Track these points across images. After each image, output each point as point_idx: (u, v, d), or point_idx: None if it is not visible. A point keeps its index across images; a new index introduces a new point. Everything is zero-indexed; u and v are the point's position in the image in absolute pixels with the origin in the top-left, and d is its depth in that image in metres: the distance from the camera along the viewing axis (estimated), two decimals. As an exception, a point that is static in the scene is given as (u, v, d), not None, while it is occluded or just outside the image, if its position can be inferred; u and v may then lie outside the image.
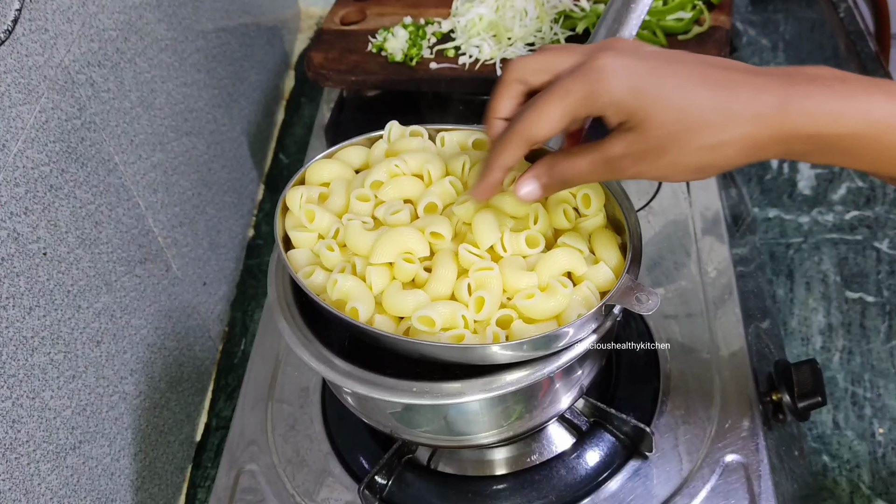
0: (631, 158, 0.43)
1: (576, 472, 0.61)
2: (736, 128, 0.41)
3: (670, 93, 0.41)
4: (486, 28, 0.91)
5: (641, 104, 0.41)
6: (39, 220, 0.55)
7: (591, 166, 0.45)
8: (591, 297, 0.50)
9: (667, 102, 0.41)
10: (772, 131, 0.41)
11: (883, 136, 0.40)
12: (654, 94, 0.41)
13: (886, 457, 0.67)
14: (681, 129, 0.41)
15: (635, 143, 0.42)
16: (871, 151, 0.41)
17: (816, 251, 0.83)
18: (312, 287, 0.51)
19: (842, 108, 0.40)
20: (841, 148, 0.41)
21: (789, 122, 0.40)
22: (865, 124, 0.40)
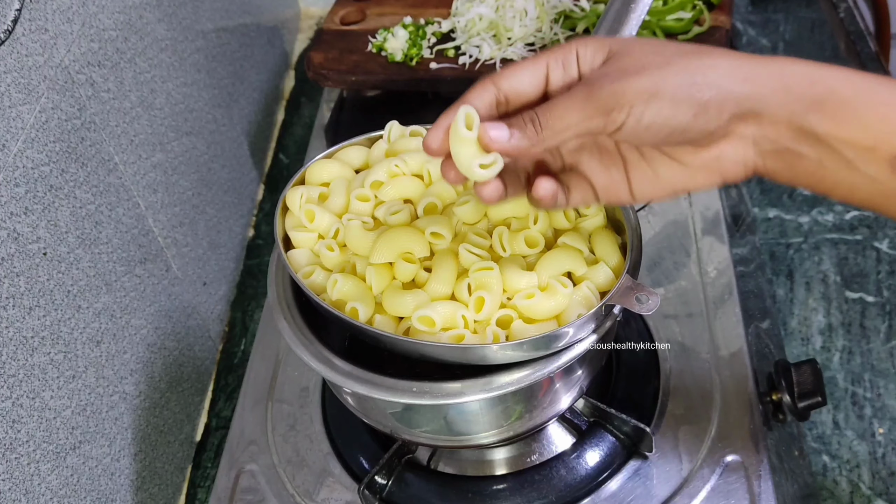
0: (613, 74, 0.40)
1: (576, 472, 0.61)
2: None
3: (655, 41, 0.41)
4: (486, 28, 0.91)
5: (622, 43, 0.41)
6: (39, 220, 0.55)
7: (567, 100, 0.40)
8: (591, 297, 0.50)
9: (649, 43, 0.41)
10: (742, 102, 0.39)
11: (884, 90, 0.39)
12: (634, 41, 0.41)
13: (886, 457, 0.67)
14: (666, 45, 0.41)
15: (618, 60, 0.40)
16: (872, 105, 0.39)
17: (816, 251, 0.83)
18: (312, 287, 0.51)
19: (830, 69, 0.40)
20: (841, 99, 0.39)
21: (765, 84, 0.39)
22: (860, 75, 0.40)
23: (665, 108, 0.39)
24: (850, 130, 0.39)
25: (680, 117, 0.39)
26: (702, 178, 0.43)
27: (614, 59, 0.40)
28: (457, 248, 0.51)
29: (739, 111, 0.39)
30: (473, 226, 0.53)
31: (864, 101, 0.39)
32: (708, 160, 0.42)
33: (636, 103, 0.39)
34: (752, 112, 0.39)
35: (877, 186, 0.39)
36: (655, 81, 0.39)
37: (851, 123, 0.39)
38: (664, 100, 0.39)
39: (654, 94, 0.39)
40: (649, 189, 0.44)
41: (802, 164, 0.40)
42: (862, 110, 0.39)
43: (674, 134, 0.40)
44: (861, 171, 0.39)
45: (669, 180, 0.43)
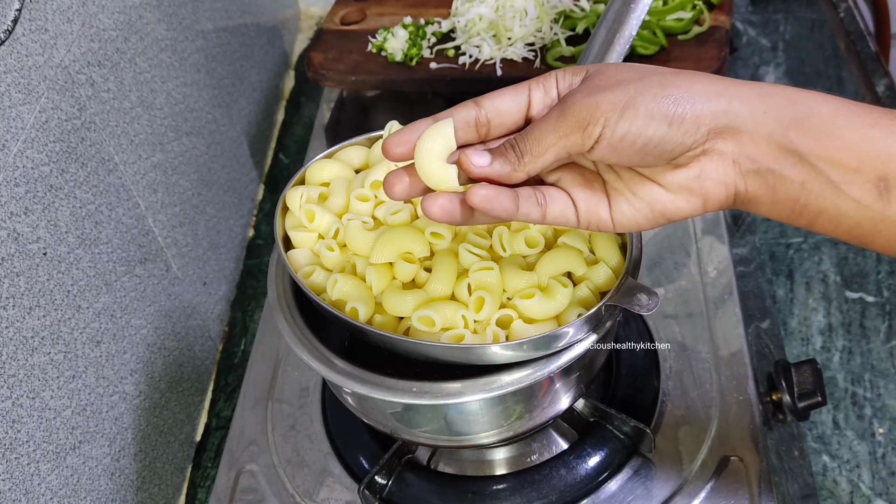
0: (585, 91, 0.40)
1: (576, 472, 0.61)
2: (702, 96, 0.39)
3: (632, 64, 0.42)
4: (486, 28, 0.91)
5: (599, 66, 0.42)
6: (39, 220, 0.55)
7: (544, 122, 0.40)
8: (591, 297, 0.50)
9: (626, 64, 0.41)
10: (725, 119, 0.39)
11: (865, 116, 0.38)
12: (611, 64, 0.42)
13: (886, 457, 0.67)
14: (643, 67, 0.41)
15: (591, 82, 0.40)
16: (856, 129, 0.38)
17: (816, 251, 0.83)
18: (312, 287, 0.51)
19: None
20: (821, 119, 0.38)
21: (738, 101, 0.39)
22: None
23: (638, 119, 0.39)
24: (833, 150, 0.38)
25: (654, 127, 0.39)
26: (682, 201, 0.42)
27: (589, 79, 0.41)
28: (457, 248, 0.51)
29: (716, 126, 0.39)
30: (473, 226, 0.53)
31: (845, 122, 0.38)
32: (687, 179, 0.41)
33: (610, 115, 0.39)
34: (731, 127, 0.39)
35: (863, 213, 0.38)
36: (628, 94, 0.39)
37: (834, 143, 0.38)
38: (637, 110, 0.39)
39: (628, 105, 0.39)
40: (629, 213, 0.43)
41: (785, 187, 0.39)
42: (844, 130, 0.38)
43: (649, 146, 0.39)
44: (846, 194, 0.38)
45: (648, 204, 0.42)
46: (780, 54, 1.04)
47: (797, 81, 1.00)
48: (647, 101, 0.39)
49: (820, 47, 1.05)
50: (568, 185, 0.44)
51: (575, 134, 0.40)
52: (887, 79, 0.97)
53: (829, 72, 1.01)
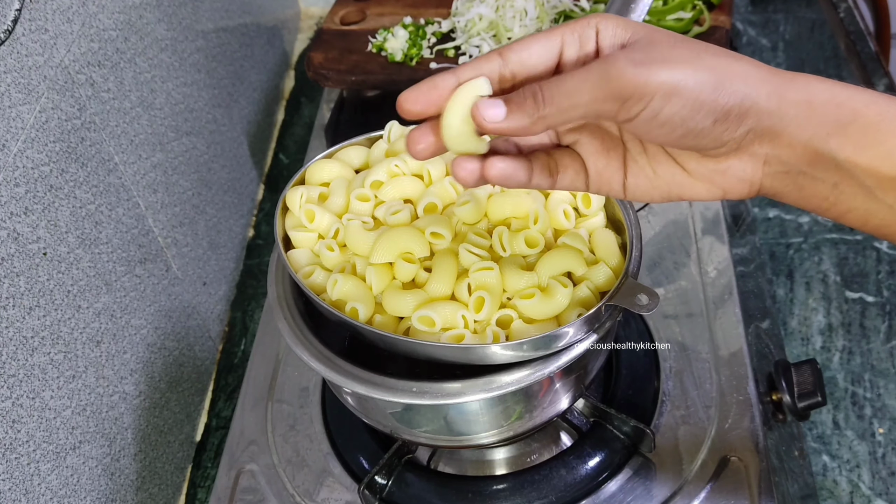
0: (638, 57, 0.36)
1: (576, 472, 0.61)
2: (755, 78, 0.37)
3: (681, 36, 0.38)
4: (486, 28, 0.91)
5: (645, 28, 0.38)
6: (39, 220, 0.55)
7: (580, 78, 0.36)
8: (591, 297, 0.50)
9: (677, 35, 0.38)
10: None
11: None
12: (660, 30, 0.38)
13: (886, 457, 0.67)
14: (691, 46, 0.37)
15: (642, 48, 0.36)
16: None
17: (816, 251, 0.83)
18: (312, 287, 0.51)
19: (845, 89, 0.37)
20: (866, 122, 0.37)
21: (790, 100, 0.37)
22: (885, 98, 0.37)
23: (686, 108, 0.36)
24: (872, 158, 0.37)
25: (698, 120, 0.36)
26: (702, 189, 0.41)
27: (639, 44, 0.37)
28: (457, 248, 0.51)
29: (759, 127, 0.37)
30: (473, 226, 0.53)
31: (889, 126, 0.37)
32: (713, 171, 0.40)
33: (656, 96, 0.35)
34: (772, 131, 0.37)
35: (894, 215, 0.38)
36: (681, 77, 0.35)
37: (875, 150, 0.37)
38: (686, 98, 0.36)
39: (678, 90, 0.35)
40: (644, 187, 0.42)
41: (815, 188, 0.39)
42: (887, 136, 0.37)
43: (687, 136, 0.37)
44: (879, 199, 0.37)
45: (667, 183, 0.41)
46: (780, 54, 1.04)
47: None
48: (699, 90, 0.36)
49: (820, 47, 1.05)
50: (585, 150, 0.42)
51: (611, 102, 0.36)
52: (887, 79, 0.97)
53: (829, 72, 1.01)
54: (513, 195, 0.53)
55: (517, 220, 0.53)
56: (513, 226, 0.53)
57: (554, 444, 0.63)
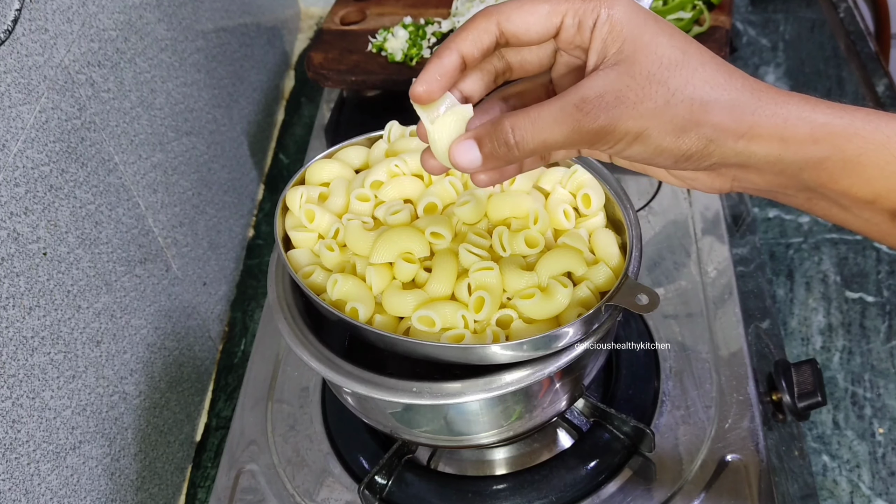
0: (610, 99, 0.36)
1: (576, 472, 0.61)
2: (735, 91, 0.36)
3: (673, 33, 0.37)
4: (486, 28, 0.91)
5: (639, 33, 0.36)
6: (39, 220, 0.55)
7: (557, 112, 0.36)
8: (591, 297, 0.50)
9: (669, 40, 0.36)
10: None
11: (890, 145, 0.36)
12: (657, 28, 0.36)
13: (886, 457, 0.67)
14: (677, 67, 0.36)
15: (619, 79, 0.36)
16: (872, 165, 0.36)
17: (816, 251, 0.83)
18: (312, 287, 0.51)
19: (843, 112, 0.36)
20: (844, 158, 0.36)
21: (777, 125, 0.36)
22: (872, 126, 0.36)
23: (648, 152, 0.37)
24: (848, 186, 0.36)
25: (661, 160, 0.38)
26: (678, 182, 0.43)
27: (619, 69, 0.36)
28: (457, 248, 0.51)
29: (725, 162, 0.37)
30: (473, 226, 0.53)
31: (870, 159, 0.36)
32: (685, 178, 0.41)
33: (621, 141, 0.37)
34: (738, 165, 0.38)
35: (870, 228, 0.38)
36: (645, 127, 0.36)
37: (850, 180, 0.36)
38: (649, 145, 0.37)
39: (641, 137, 0.36)
40: (624, 162, 0.42)
41: (788, 199, 0.39)
42: (865, 168, 0.36)
43: (650, 164, 0.40)
44: (855, 214, 0.38)
45: (643, 168, 0.42)
46: (780, 54, 1.04)
47: (797, 81, 1.00)
48: (660, 140, 0.36)
49: (820, 47, 1.05)
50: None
51: (583, 141, 0.37)
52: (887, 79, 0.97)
53: (829, 72, 1.01)
54: (513, 195, 0.53)
55: (517, 220, 0.53)
56: (513, 226, 0.53)
57: (554, 444, 0.63)
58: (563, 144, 0.37)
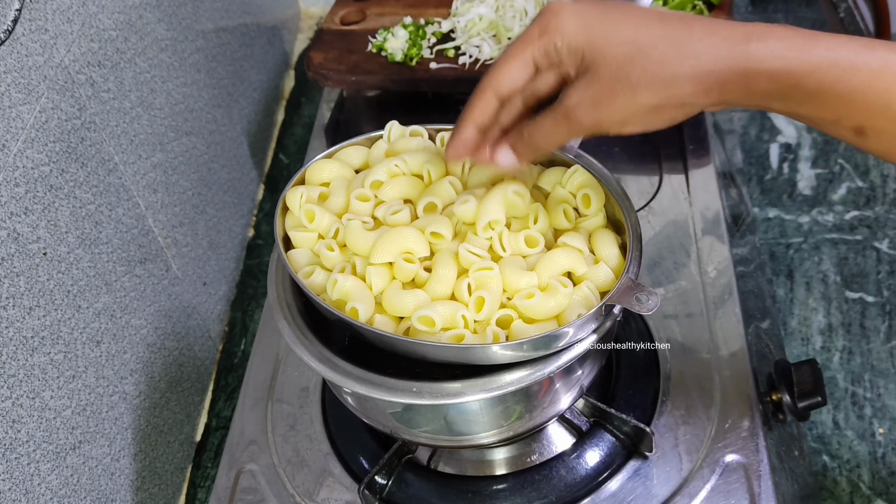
0: (587, 104, 0.43)
1: (576, 472, 0.61)
2: (690, 59, 0.40)
3: (622, 27, 0.42)
4: (486, 28, 0.91)
5: (592, 40, 0.42)
6: (39, 220, 0.55)
7: (552, 123, 0.45)
8: (591, 297, 0.50)
9: (618, 36, 0.41)
10: (731, 64, 0.40)
11: (848, 77, 0.39)
12: (604, 30, 0.42)
13: (886, 457, 0.68)
14: (633, 65, 0.41)
15: (589, 86, 0.42)
16: (835, 94, 0.39)
17: (816, 251, 0.83)
18: (312, 287, 0.51)
19: (805, 45, 0.39)
20: (805, 90, 0.40)
21: (750, 57, 0.40)
22: (830, 62, 0.39)
23: (638, 125, 0.43)
24: (811, 109, 0.41)
25: (657, 125, 0.43)
26: None
27: (587, 78, 0.43)
28: (457, 248, 0.51)
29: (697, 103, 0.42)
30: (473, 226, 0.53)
31: (833, 88, 0.39)
32: None
33: (611, 129, 0.44)
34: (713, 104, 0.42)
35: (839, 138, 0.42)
36: (624, 112, 0.42)
37: (813, 105, 0.40)
38: (636, 121, 0.43)
39: (627, 120, 0.43)
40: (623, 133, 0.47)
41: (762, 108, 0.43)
42: (827, 96, 0.39)
43: (647, 128, 0.44)
44: (823, 129, 0.42)
45: None
46: (780, 54, 1.04)
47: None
48: (647, 109, 0.42)
49: (820, 47, 1.05)
50: None
51: (583, 135, 0.46)
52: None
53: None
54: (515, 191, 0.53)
55: (517, 220, 0.53)
56: (513, 226, 0.53)
57: (554, 444, 0.63)
58: (569, 140, 0.47)
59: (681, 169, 0.82)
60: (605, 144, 0.85)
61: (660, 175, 0.82)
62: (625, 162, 0.84)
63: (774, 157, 0.92)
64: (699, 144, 0.84)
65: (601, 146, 0.84)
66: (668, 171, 0.82)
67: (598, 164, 0.55)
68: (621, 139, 0.86)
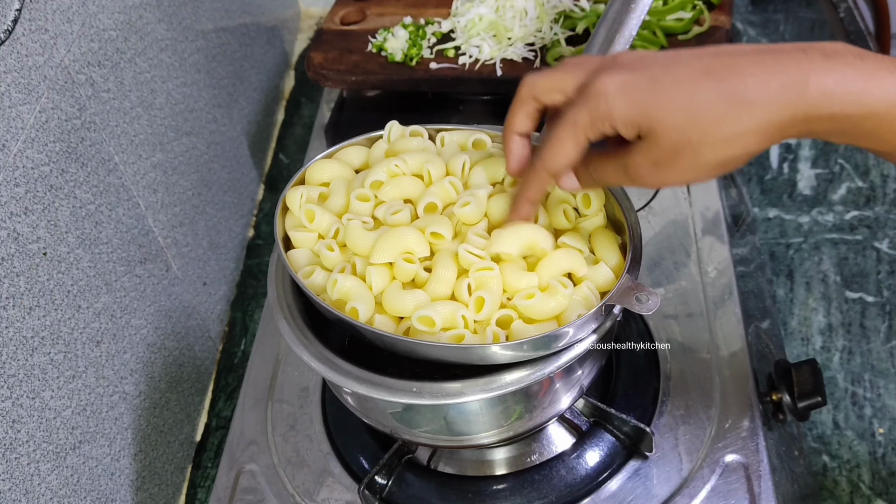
0: (648, 166, 0.43)
1: (576, 472, 0.61)
2: (751, 115, 0.40)
3: (673, 95, 0.41)
4: (486, 28, 0.91)
5: (647, 115, 0.42)
6: (39, 220, 0.55)
7: (614, 173, 0.46)
8: (591, 297, 0.50)
9: (672, 105, 0.41)
10: (791, 112, 0.39)
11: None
12: (656, 101, 0.41)
13: (886, 457, 0.68)
14: (692, 129, 0.41)
15: (650, 152, 0.42)
16: (892, 132, 0.39)
17: (816, 251, 0.83)
18: (312, 287, 0.51)
19: (863, 88, 0.39)
20: (863, 130, 0.40)
21: (808, 102, 0.39)
22: (888, 104, 0.39)
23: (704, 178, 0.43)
24: (871, 144, 0.41)
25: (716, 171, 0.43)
26: None
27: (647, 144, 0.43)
28: (457, 248, 0.51)
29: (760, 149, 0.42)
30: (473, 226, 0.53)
31: (891, 128, 0.39)
32: None
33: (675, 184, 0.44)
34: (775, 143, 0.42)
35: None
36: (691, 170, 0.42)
37: (873, 141, 0.41)
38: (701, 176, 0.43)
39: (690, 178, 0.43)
40: None
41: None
42: (886, 134, 0.40)
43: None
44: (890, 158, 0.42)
45: None
46: (780, 54, 1.04)
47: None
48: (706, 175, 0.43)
49: (820, 47, 1.05)
50: None
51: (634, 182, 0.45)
52: None
53: (829, 72, 1.01)
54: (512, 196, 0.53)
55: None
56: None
57: (554, 444, 0.63)
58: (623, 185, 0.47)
59: (681, 169, 0.82)
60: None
61: (660, 175, 0.81)
62: (625, 162, 0.84)
63: (774, 157, 0.92)
64: (699, 144, 0.84)
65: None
66: (668, 171, 0.82)
67: (598, 164, 0.55)
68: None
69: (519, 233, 0.51)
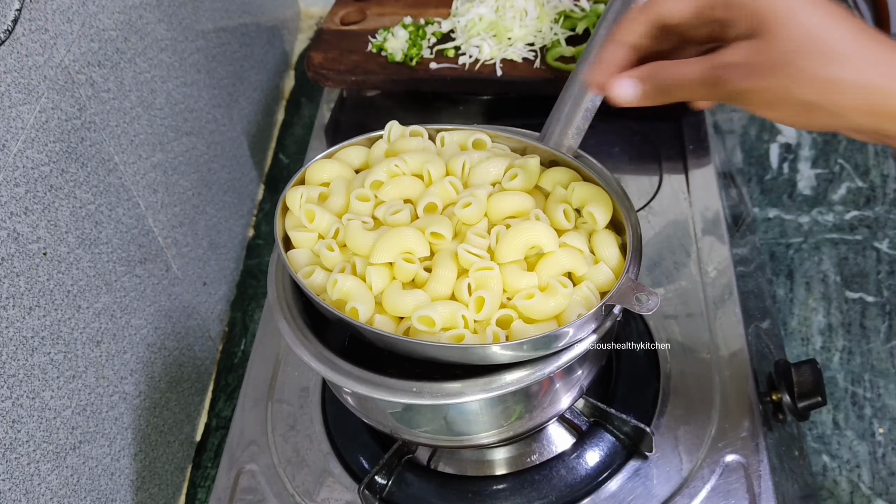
0: (744, 69, 0.39)
1: (576, 472, 0.61)
2: (868, 70, 0.38)
3: (815, 9, 0.39)
4: (486, 28, 0.91)
5: (777, 9, 0.39)
6: (39, 220, 0.55)
7: (697, 73, 0.41)
8: (591, 297, 0.50)
9: (804, 16, 0.38)
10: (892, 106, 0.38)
11: None
12: (793, 4, 0.39)
13: (886, 457, 0.68)
14: (807, 49, 0.38)
15: (755, 53, 0.39)
16: None
17: (816, 251, 0.83)
18: (312, 287, 0.51)
19: None
20: None
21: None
22: None
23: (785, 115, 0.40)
24: None
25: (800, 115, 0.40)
26: None
27: (754, 44, 0.40)
28: (457, 248, 0.51)
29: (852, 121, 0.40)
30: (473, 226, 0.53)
31: None
32: None
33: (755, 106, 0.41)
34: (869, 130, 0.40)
35: None
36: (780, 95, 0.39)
37: None
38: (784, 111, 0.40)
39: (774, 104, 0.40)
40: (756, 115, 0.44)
41: None
42: None
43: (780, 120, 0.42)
44: None
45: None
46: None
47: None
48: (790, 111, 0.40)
49: (820, 47, 1.05)
50: None
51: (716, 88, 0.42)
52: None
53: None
54: (513, 195, 0.53)
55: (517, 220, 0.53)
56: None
57: (554, 444, 0.63)
58: (702, 98, 0.44)
59: (681, 169, 0.82)
60: (605, 144, 0.85)
61: (660, 175, 0.82)
62: (625, 162, 0.84)
63: (774, 157, 0.92)
64: (699, 144, 0.84)
65: (601, 146, 0.84)
66: (669, 171, 0.82)
67: (598, 164, 0.55)
68: (621, 139, 0.86)
69: (524, 234, 0.50)
